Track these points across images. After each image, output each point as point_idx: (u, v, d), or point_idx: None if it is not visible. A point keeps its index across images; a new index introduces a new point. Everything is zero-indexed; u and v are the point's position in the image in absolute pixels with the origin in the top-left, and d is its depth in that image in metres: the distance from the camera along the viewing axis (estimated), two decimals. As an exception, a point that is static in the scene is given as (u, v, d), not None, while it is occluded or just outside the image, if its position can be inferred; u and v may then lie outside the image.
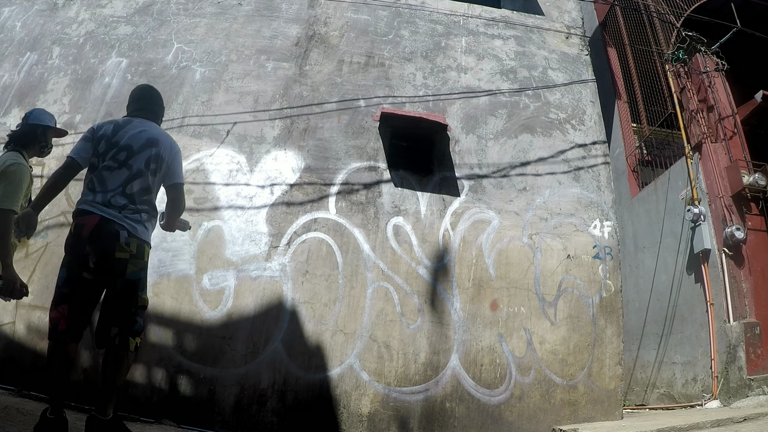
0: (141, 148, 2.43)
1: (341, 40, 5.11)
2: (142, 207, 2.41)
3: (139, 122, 2.54)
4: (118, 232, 2.29)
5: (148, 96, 2.71)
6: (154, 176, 2.46)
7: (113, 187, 2.35)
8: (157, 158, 2.46)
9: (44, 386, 2.54)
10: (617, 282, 4.28)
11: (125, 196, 2.36)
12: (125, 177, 2.37)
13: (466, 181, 4.50)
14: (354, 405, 3.70)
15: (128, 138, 2.44)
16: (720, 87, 6.13)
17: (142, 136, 2.46)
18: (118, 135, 2.44)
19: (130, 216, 2.34)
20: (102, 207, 2.31)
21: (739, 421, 3.45)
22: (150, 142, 2.46)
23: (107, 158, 2.39)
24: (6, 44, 4.95)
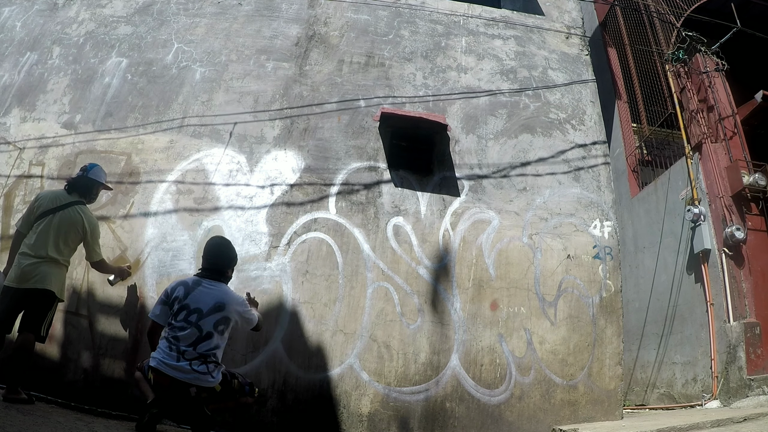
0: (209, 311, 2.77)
1: (341, 40, 5.11)
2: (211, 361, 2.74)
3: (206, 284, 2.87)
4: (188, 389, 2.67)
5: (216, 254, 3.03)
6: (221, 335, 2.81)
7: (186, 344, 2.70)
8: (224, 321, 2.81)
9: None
10: (617, 282, 4.28)
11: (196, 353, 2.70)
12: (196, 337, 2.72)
13: (466, 181, 4.50)
14: (354, 405, 3.70)
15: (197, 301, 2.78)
16: (720, 87, 6.13)
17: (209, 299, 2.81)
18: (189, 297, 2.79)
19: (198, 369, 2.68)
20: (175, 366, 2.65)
21: (739, 421, 3.45)
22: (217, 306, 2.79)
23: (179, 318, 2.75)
24: (6, 44, 4.95)
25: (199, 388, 2.68)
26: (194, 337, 2.69)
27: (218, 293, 2.84)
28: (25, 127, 4.46)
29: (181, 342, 2.68)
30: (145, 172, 4.26)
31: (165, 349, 2.69)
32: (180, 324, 2.71)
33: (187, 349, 2.67)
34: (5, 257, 3.89)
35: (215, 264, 2.95)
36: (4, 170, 4.25)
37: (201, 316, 2.73)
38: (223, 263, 2.99)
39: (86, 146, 4.36)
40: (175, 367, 2.64)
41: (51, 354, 3.64)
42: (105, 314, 3.76)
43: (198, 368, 2.66)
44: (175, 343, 2.68)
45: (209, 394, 2.73)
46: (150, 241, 4.00)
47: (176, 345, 2.67)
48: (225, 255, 3.03)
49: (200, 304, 2.75)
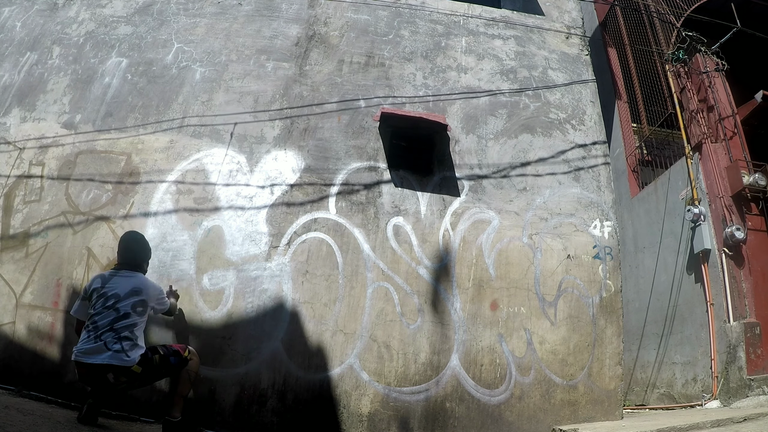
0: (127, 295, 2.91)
1: (341, 40, 5.11)
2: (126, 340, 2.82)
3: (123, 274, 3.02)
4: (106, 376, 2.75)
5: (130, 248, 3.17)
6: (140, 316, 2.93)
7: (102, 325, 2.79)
8: (142, 303, 2.95)
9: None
10: (617, 282, 4.28)
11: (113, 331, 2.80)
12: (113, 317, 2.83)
13: (466, 181, 4.50)
14: (354, 405, 3.70)
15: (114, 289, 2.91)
16: (720, 87, 6.13)
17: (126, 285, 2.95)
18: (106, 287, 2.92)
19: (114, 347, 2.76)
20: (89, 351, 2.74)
21: (739, 422, 3.45)
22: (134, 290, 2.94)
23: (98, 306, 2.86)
24: (6, 44, 4.95)
25: (116, 373, 2.74)
26: (111, 317, 2.80)
27: (135, 281, 2.99)
28: (25, 127, 4.46)
29: (99, 325, 2.78)
30: (145, 172, 4.26)
31: (83, 338, 2.80)
32: (98, 310, 2.82)
33: (104, 330, 2.77)
34: (5, 258, 3.91)
35: (130, 258, 3.11)
36: (4, 170, 4.25)
37: (119, 299, 2.86)
38: (136, 257, 3.15)
39: (86, 146, 4.36)
40: (89, 350, 2.73)
41: (51, 354, 3.65)
42: (105, 314, 3.76)
43: (112, 347, 2.74)
44: (93, 330, 2.78)
45: (129, 378, 2.80)
46: (150, 241, 3.98)
47: (94, 330, 2.77)
48: (139, 249, 3.19)
49: (117, 290, 2.89)
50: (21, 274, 3.87)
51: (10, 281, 3.84)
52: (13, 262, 3.91)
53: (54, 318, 3.74)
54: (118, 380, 2.76)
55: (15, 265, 3.90)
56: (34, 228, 4.02)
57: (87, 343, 2.75)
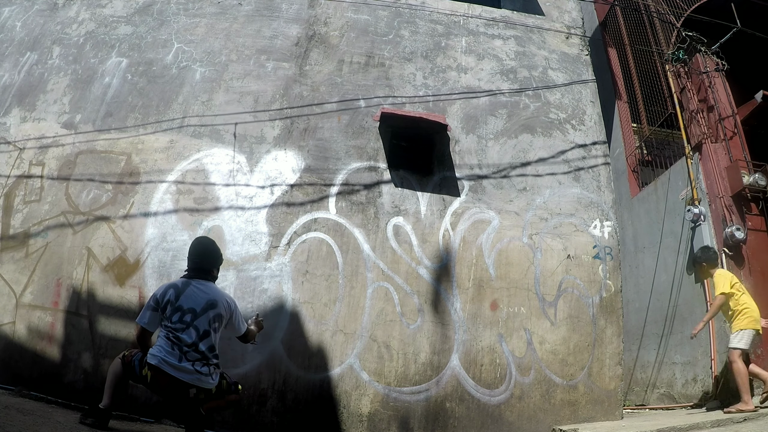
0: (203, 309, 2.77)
1: (341, 40, 5.11)
2: (212, 361, 2.75)
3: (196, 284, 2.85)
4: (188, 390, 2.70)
5: (202, 254, 2.98)
6: (217, 333, 2.83)
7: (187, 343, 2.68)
8: (219, 318, 2.82)
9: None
10: (617, 282, 4.28)
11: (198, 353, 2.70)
12: (195, 337, 2.71)
13: (466, 181, 4.50)
14: (354, 405, 3.70)
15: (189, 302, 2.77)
16: (720, 87, 6.12)
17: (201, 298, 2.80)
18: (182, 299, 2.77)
19: (200, 369, 2.68)
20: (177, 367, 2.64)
21: (739, 422, 3.46)
22: (210, 304, 2.80)
23: (174, 320, 2.72)
24: (6, 44, 4.95)
25: (198, 389, 2.71)
26: (194, 336, 2.69)
27: (209, 291, 2.85)
28: (25, 127, 4.46)
29: (182, 341, 2.67)
30: (145, 172, 4.26)
31: (167, 348, 2.66)
32: (176, 325, 2.70)
33: (189, 350, 2.66)
34: (5, 258, 3.91)
35: (202, 264, 2.94)
36: (4, 170, 4.25)
37: (195, 315, 2.73)
38: (209, 263, 2.97)
39: (86, 146, 4.36)
40: (178, 367, 2.63)
41: (51, 354, 3.65)
42: (105, 314, 3.76)
43: (201, 369, 2.67)
44: (177, 343, 2.66)
45: (206, 395, 2.76)
46: (150, 241, 4.00)
47: (178, 345, 2.66)
48: (211, 255, 3.01)
49: (193, 304, 2.75)
50: (21, 274, 3.88)
51: (10, 281, 3.84)
52: (13, 262, 3.91)
53: (54, 318, 3.74)
54: (197, 396, 2.73)
55: (15, 265, 3.91)
56: (34, 228, 4.02)
57: (173, 358, 2.64)
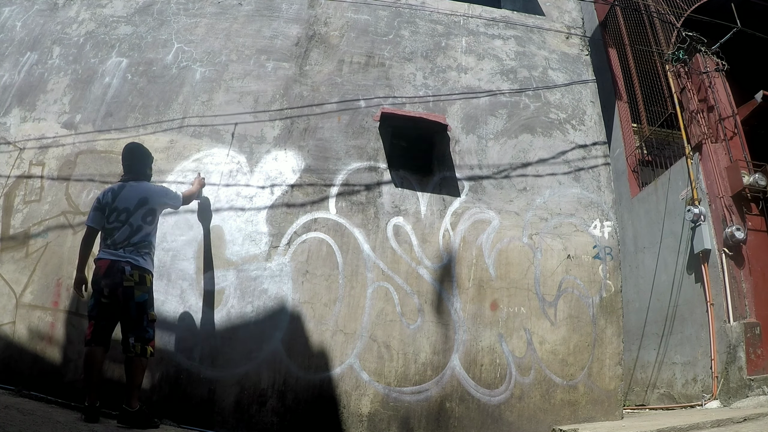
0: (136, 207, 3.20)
1: (341, 40, 5.11)
2: (143, 249, 3.18)
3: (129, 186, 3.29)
4: (124, 267, 3.05)
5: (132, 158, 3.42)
6: (151, 225, 3.26)
7: (120, 240, 3.13)
8: (151, 212, 3.28)
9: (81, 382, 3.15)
10: (617, 282, 4.28)
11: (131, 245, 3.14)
12: (128, 232, 3.15)
13: (466, 182, 4.50)
14: (354, 405, 3.70)
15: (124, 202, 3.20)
16: (720, 87, 6.13)
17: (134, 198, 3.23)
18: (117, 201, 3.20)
19: (131, 253, 3.12)
20: (112, 251, 3.11)
21: (739, 422, 3.45)
22: (141, 201, 3.23)
23: (111, 219, 3.18)
24: (6, 44, 4.95)
25: (132, 267, 3.05)
26: (127, 232, 3.12)
27: (141, 190, 3.26)
28: (25, 127, 4.46)
29: (117, 241, 3.10)
30: (145, 172, 4.25)
31: (103, 246, 3.15)
32: (113, 225, 3.14)
33: (123, 245, 3.10)
34: (5, 258, 3.91)
35: (132, 166, 3.38)
36: (4, 170, 4.25)
37: (129, 213, 3.15)
38: (139, 163, 3.40)
39: (86, 146, 4.36)
40: (113, 253, 3.08)
41: (51, 354, 3.65)
42: (105, 314, 3.75)
43: (133, 255, 3.10)
44: (111, 244, 3.11)
45: (141, 281, 3.07)
46: (150, 241, 3.99)
47: (113, 245, 3.10)
48: (139, 155, 3.42)
49: (127, 203, 3.17)
50: (21, 274, 3.88)
51: (10, 281, 3.84)
52: (13, 262, 3.91)
53: (54, 318, 3.74)
54: (132, 275, 3.03)
55: (15, 265, 3.91)
56: (34, 228, 4.02)
57: (108, 249, 3.10)
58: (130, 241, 3.11)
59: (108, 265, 3.04)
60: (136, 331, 3.05)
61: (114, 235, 3.12)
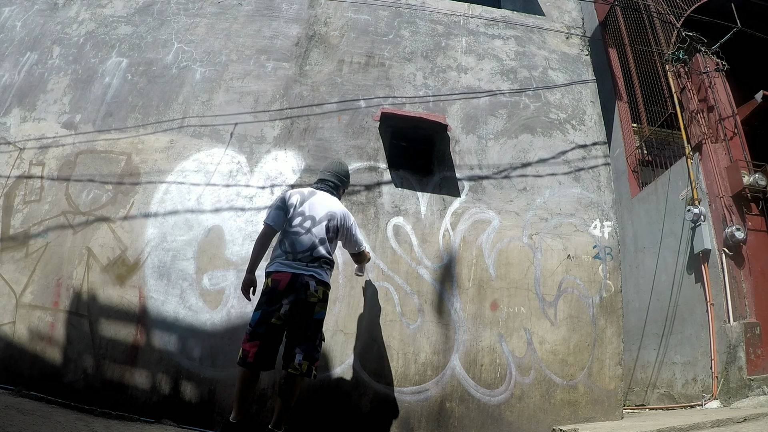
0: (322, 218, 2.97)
1: (341, 40, 5.11)
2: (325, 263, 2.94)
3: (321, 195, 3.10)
4: (308, 282, 2.81)
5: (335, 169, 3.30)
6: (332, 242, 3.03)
7: (301, 249, 2.87)
8: (335, 229, 3.03)
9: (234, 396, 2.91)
10: (617, 282, 4.28)
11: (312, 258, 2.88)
12: (311, 243, 2.90)
13: (466, 182, 4.50)
14: (354, 405, 3.70)
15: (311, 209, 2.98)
16: (720, 87, 6.13)
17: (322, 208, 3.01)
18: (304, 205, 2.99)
19: (314, 267, 2.87)
20: (291, 262, 2.84)
21: (739, 422, 3.45)
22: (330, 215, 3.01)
23: (295, 223, 2.93)
24: (6, 44, 4.95)
25: (317, 282, 2.82)
26: (309, 242, 2.87)
27: (330, 204, 3.04)
28: (25, 127, 4.46)
29: (297, 248, 2.84)
30: (146, 173, 4.26)
31: (281, 257, 2.86)
32: (295, 230, 2.88)
33: (304, 255, 2.83)
34: (5, 258, 3.91)
35: (331, 177, 3.20)
36: (4, 170, 4.25)
37: (314, 223, 2.91)
38: (337, 178, 3.23)
39: (86, 146, 4.36)
40: (293, 266, 2.81)
41: (51, 354, 3.65)
42: (105, 314, 3.76)
43: (315, 268, 2.84)
44: (291, 251, 2.84)
45: (324, 298, 2.87)
46: (150, 241, 4.00)
47: (292, 252, 2.83)
48: (341, 172, 3.26)
49: (314, 212, 2.93)
50: (21, 274, 3.88)
51: (10, 281, 3.84)
52: (13, 262, 3.92)
53: (54, 318, 3.74)
54: (316, 290, 2.82)
55: (15, 265, 3.91)
56: (34, 228, 4.02)
57: (286, 261, 2.83)
58: (312, 253, 2.84)
59: (290, 280, 2.77)
60: (307, 349, 2.80)
61: (295, 242, 2.84)
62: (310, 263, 2.84)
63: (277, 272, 2.81)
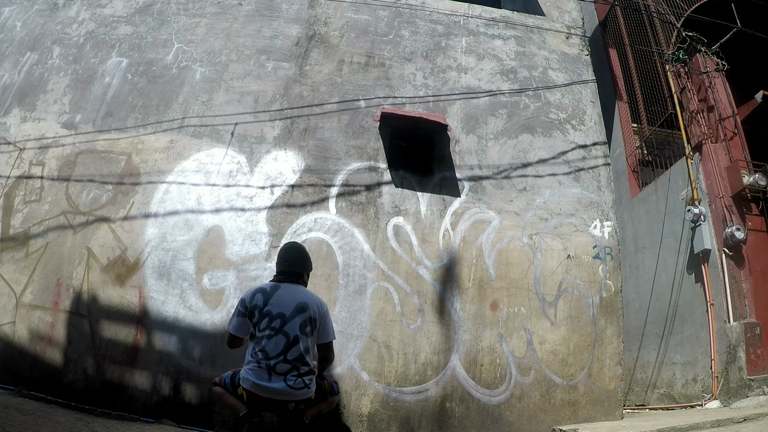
0: (293, 313, 2.59)
1: (341, 40, 5.11)
2: (303, 369, 2.56)
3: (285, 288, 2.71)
4: (286, 405, 2.55)
5: (292, 257, 2.87)
6: (309, 337, 2.62)
7: (274, 354, 2.51)
8: (310, 321, 2.62)
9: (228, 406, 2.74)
10: (617, 282, 4.28)
11: (287, 363, 2.52)
12: (284, 344, 2.53)
13: (466, 182, 4.50)
14: (354, 405, 3.70)
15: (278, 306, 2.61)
16: (720, 87, 6.13)
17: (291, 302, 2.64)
18: (269, 305, 2.61)
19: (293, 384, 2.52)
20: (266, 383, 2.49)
21: (739, 422, 3.45)
22: (300, 307, 2.62)
23: (263, 326, 2.56)
24: (6, 44, 4.95)
25: (296, 402, 2.57)
26: (282, 344, 2.53)
27: (299, 294, 2.69)
28: (25, 127, 4.46)
29: (270, 353, 2.51)
30: (146, 173, 4.26)
31: (254, 369, 2.51)
32: (264, 333, 2.54)
33: (277, 361, 2.50)
34: (5, 258, 3.91)
35: (291, 267, 2.81)
36: (4, 170, 4.25)
37: (285, 320, 2.57)
38: (299, 266, 2.84)
39: (86, 146, 4.36)
40: (269, 389, 2.49)
41: (51, 354, 3.65)
42: (105, 315, 3.76)
43: (293, 384, 2.52)
44: (264, 360, 2.50)
45: (306, 404, 2.63)
46: (150, 241, 4.00)
47: (265, 362, 2.50)
48: (301, 259, 2.89)
49: (282, 308, 2.59)
50: (21, 274, 3.88)
51: (10, 281, 3.84)
52: (13, 262, 3.92)
53: (54, 318, 3.74)
54: (297, 408, 2.58)
55: (15, 265, 3.91)
56: (34, 228, 4.02)
57: (262, 380, 2.49)
58: (286, 356, 2.51)
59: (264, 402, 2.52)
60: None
61: (266, 347, 2.52)
62: (289, 376, 2.51)
63: (251, 393, 2.52)
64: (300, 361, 2.55)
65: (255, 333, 2.58)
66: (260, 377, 2.49)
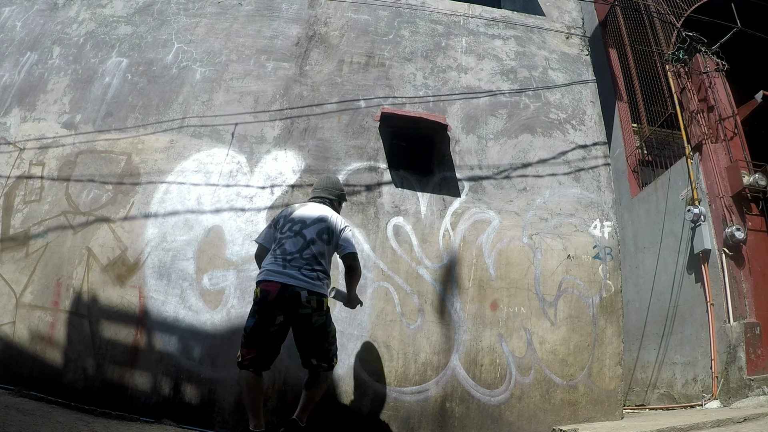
0: (313, 222, 2.89)
1: (341, 40, 5.11)
2: (317, 267, 2.77)
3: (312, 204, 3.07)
4: (299, 293, 2.66)
5: (323, 183, 3.27)
6: (326, 245, 2.87)
7: (291, 251, 2.76)
8: (327, 230, 2.90)
9: (246, 404, 2.85)
10: (617, 282, 4.28)
11: (303, 259, 2.75)
12: (301, 244, 2.79)
13: (466, 182, 4.50)
14: (354, 405, 3.70)
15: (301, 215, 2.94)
16: (720, 87, 6.13)
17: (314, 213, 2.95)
18: (293, 214, 2.94)
19: (307, 275, 2.71)
20: (282, 271, 2.70)
21: (739, 422, 3.45)
22: (320, 218, 2.92)
23: (285, 230, 2.87)
24: (6, 44, 4.95)
25: (309, 292, 2.66)
26: (299, 243, 2.76)
27: (322, 209, 2.97)
28: (25, 127, 4.46)
29: (288, 251, 2.73)
30: (146, 173, 4.26)
31: (270, 261, 2.76)
32: (285, 234, 2.81)
33: (293, 257, 2.71)
34: (5, 258, 3.91)
35: (321, 191, 3.16)
36: (4, 170, 4.25)
37: (305, 225, 2.83)
38: (327, 190, 3.17)
39: (86, 146, 4.36)
40: (282, 273, 2.66)
41: (51, 354, 3.65)
42: (105, 315, 3.76)
43: (307, 274, 2.69)
44: (281, 254, 2.74)
45: (319, 306, 2.71)
46: (150, 241, 4.00)
47: (282, 255, 2.73)
48: (329, 184, 3.22)
49: (304, 216, 2.88)
50: (21, 274, 3.88)
51: (10, 281, 3.84)
52: (13, 262, 3.92)
53: (54, 318, 3.74)
54: (309, 302, 2.66)
55: (15, 265, 3.91)
56: (34, 228, 4.02)
57: (275, 266, 2.70)
58: (302, 254, 2.72)
59: (279, 291, 2.65)
60: (319, 354, 2.84)
61: (284, 245, 2.76)
62: (303, 268, 2.68)
63: (266, 281, 2.67)
64: (314, 260, 2.75)
65: (277, 236, 2.86)
66: (275, 266, 2.71)
